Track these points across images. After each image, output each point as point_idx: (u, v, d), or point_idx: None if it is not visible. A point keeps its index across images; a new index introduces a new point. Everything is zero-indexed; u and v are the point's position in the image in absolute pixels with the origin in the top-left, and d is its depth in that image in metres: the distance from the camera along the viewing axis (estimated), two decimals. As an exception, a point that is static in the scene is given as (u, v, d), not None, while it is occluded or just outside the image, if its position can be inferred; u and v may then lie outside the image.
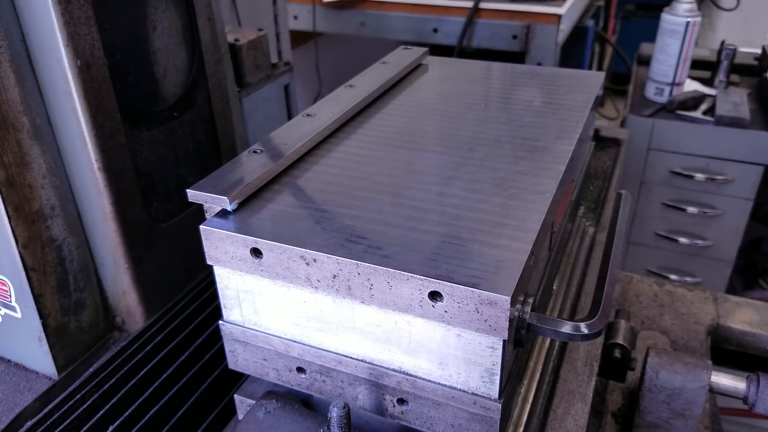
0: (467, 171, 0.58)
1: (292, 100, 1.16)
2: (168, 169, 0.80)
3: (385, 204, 0.53)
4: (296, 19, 2.29)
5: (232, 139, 0.92)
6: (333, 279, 0.47)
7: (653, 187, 2.14)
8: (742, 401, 0.70)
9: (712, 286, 1.92)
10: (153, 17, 0.75)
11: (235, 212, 0.52)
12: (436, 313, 0.44)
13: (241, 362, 0.58)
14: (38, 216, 0.68)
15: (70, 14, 0.63)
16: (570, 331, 0.48)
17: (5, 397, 0.70)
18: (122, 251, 0.74)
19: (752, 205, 2.04)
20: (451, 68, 0.88)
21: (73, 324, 0.74)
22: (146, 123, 0.76)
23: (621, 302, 1.01)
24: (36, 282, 0.69)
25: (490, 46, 2.09)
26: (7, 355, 0.76)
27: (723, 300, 1.01)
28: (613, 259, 0.57)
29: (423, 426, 0.52)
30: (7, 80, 0.63)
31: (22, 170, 0.66)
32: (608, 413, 0.81)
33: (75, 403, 0.70)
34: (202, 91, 0.85)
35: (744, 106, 2.03)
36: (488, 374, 0.47)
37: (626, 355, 0.75)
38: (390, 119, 0.70)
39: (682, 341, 0.94)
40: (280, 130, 0.64)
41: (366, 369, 0.51)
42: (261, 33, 1.05)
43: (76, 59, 0.65)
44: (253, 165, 0.56)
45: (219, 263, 0.51)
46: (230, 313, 0.55)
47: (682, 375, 0.70)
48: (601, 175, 1.05)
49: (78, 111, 0.67)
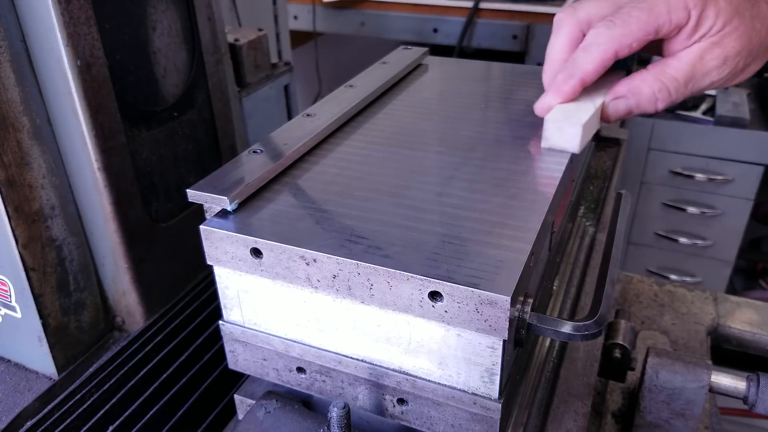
0: (467, 171, 0.58)
1: (292, 100, 1.16)
2: (168, 169, 0.80)
3: (385, 204, 0.53)
4: (296, 19, 2.29)
5: (232, 139, 0.92)
6: (333, 279, 0.47)
7: (653, 187, 2.14)
8: (742, 401, 0.70)
9: (712, 286, 1.92)
10: (153, 17, 0.75)
11: (235, 212, 0.52)
12: (436, 313, 0.44)
13: (241, 362, 0.58)
14: (38, 216, 0.68)
15: (70, 14, 0.63)
16: (570, 331, 0.48)
17: (5, 397, 0.70)
18: (122, 251, 0.74)
19: (752, 205, 2.04)
20: (451, 68, 0.88)
21: (73, 324, 0.74)
22: (146, 123, 0.76)
23: (621, 302, 1.01)
24: (36, 282, 0.69)
25: (490, 46, 2.09)
26: (7, 355, 0.76)
27: (723, 300, 1.02)
28: (613, 259, 0.57)
29: (423, 426, 0.52)
30: (7, 80, 0.63)
31: (22, 170, 0.66)
32: (608, 413, 0.81)
33: (75, 403, 0.70)
34: (202, 91, 0.85)
35: (744, 106, 2.03)
36: (488, 374, 0.47)
37: (626, 355, 0.75)
38: (390, 119, 0.70)
39: (682, 341, 0.94)
40: (280, 130, 0.64)
41: (366, 369, 0.51)
42: (261, 33, 1.05)
43: (76, 59, 0.65)
44: (253, 165, 0.56)
45: (219, 263, 0.51)
46: (230, 313, 0.55)
47: (682, 375, 0.70)
48: (601, 175, 1.05)
49: (78, 111, 0.67)
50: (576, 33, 0.62)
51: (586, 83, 0.60)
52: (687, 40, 0.58)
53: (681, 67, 0.59)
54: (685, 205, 2.08)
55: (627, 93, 0.61)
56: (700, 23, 0.57)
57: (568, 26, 0.62)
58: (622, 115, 0.63)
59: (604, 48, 0.58)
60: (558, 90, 0.61)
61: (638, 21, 0.56)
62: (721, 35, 0.57)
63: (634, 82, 0.61)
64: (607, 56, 0.58)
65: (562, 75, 0.60)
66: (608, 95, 0.62)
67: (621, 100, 0.62)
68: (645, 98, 0.60)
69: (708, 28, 0.57)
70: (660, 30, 0.57)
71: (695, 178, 2.03)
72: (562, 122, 0.58)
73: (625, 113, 0.62)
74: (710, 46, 0.58)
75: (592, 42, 0.58)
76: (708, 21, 0.57)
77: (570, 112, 0.59)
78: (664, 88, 0.59)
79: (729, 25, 0.57)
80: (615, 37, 0.57)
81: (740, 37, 0.57)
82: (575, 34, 0.62)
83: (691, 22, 0.57)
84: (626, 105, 0.62)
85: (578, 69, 0.59)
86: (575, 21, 0.61)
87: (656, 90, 0.59)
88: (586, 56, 0.59)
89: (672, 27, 0.57)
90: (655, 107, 0.60)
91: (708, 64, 0.58)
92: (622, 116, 0.63)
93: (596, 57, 0.58)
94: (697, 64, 0.58)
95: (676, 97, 0.59)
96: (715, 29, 0.57)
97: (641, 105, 0.61)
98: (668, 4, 0.56)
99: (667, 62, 0.59)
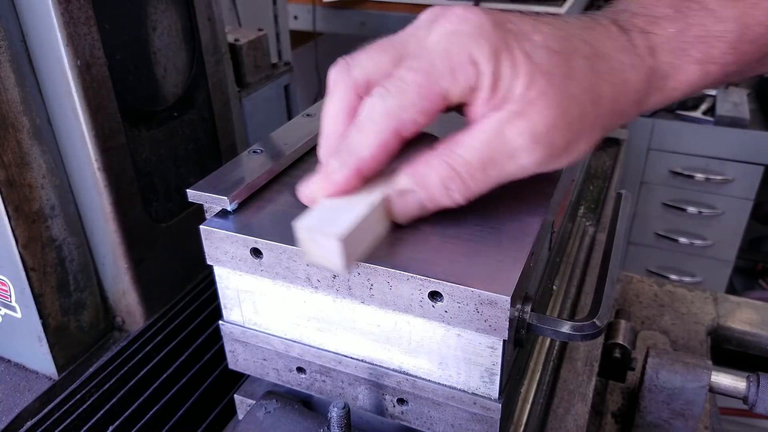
0: (467, 171, 0.58)
1: (292, 100, 1.16)
2: (168, 169, 0.80)
3: (385, 204, 0.53)
4: (296, 19, 2.29)
5: (232, 139, 0.92)
6: (333, 279, 0.47)
7: (653, 187, 2.14)
8: (742, 401, 0.70)
9: (712, 286, 1.92)
10: (153, 17, 0.75)
11: (235, 212, 0.52)
12: (436, 313, 0.44)
13: (241, 362, 0.58)
14: (38, 216, 0.68)
15: (70, 14, 0.63)
16: (570, 331, 0.48)
17: (5, 397, 0.70)
18: (122, 251, 0.74)
19: (752, 205, 2.04)
20: (451, 68, 0.87)
21: (73, 324, 0.74)
22: (146, 123, 0.76)
23: (621, 302, 1.01)
24: (36, 282, 0.69)
25: (490, 46, 2.08)
26: (7, 355, 0.76)
27: (723, 300, 1.02)
28: (613, 259, 0.57)
29: (423, 426, 0.52)
30: (7, 80, 0.63)
31: (22, 170, 0.66)
32: (608, 413, 0.81)
33: (75, 403, 0.70)
34: (202, 91, 0.85)
35: (744, 106, 2.03)
36: (488, 374, 0.47)
37: (626, 355, 0.75)
38: (390, 119, 0.70)
39: (682, 341, 0.94)
40: (280, 130, 0.64)
41: (366, 369, 0.52)
42: (261, 33, 1.05)
43: (76, 59, 0.65)
44: (253, 165, 0.56)
45: (219, 263, 0.51)
46: (230, 313, 0.55)
47: (682, 375, 0.70)
48: (601, 175, 1.05)
49: (78, 111, 0.67)
50: (352, 99, 0.46)
51: (365, 174, 0.45)
52: (484, 106, 0.42)
53: (474, 145, 0.43)
54: (685, 205, 2.08)
55: (413, 185, 0.45)
56: (496, 82, 0.41)
57: (342, 90, 0.46)
58: (416, 214, 0.47)
59: (381, 128, 0.43)
60: (328, 179, 0.45)
61: (416, 88, 0.42)
62: (525, 102, 0.41)
63: (419, 169, 0.44)
64: (386, 138, 0.43)
65: (334, 161, 0.45)
66: (390, 187, 0.46)
67: (408, 194, 0.45)
68: (435, 189, 0.44)
69: (506, 90, 0.41)
70: (448, 95, 0.42)
71: (695, 178, 2.03)
72: (315, 232, 0.42)
73: (419, 211, 0.46)
74: (511, 117, 0.42)
75: (365, 119, 0.43)
76: (504, 80, 0.41)
77: (330, 216, 0.43)
78: (455, 177, 0.43)
79: (533, 88, 0.41)
80: (392, 112, 0.42)
81: (550, 106, 0.41)
82: (351, 100, 0.46)
83: (485, 81, 0.41)
84: (416, 200, 0.46)
85: (353, 155, 0.44)
86: (350, 83, 0.46)
87: (445, 178, 0.43)
88: (360, 138, 0.44)
89: (462, 89, 0.42)
90: (453, 201, 0.45)
91: (511, 143, 0.42)
92: (415, 215, 0.47)
93: (373, 140, 0.43)
94: (494, 142, 0.42)
95: (476, 187, 0.44)
96: (517, 93, 0.41)
97: (434, 199, 0.45)
98: (449, 60, 0.41)
99: (458, 139, 0.43)
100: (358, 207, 0.44)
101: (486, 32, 0.41)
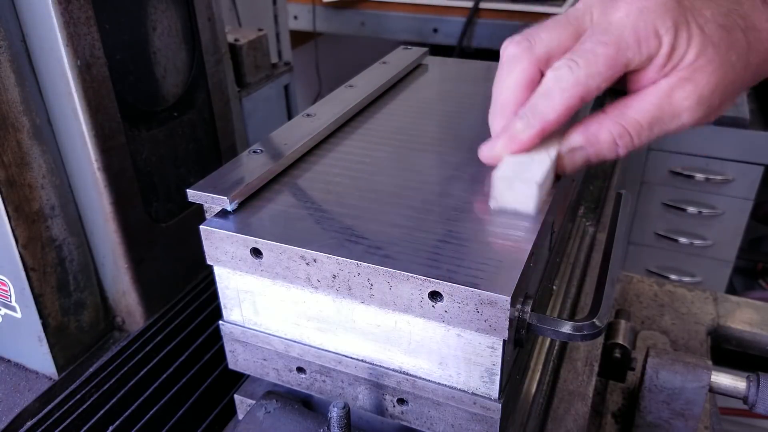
0: (468, 171, 0.58)
1: (292, 100, 1.16)
2: (168, 169, 0.80)
3: (385, 204, 0.53)
4: (296, 19, 2.29)
5: (232, 139, 0.92)
6: (333, 279, 0.47)
7: (653, 187, 2.14)
8: (742, 401, 0.70)
9: (712, 286, 1.92)
10: (153, 17, 0.75)
11: (235, 212, 0.52)
12: (436, 313, 0.44)
13: (241, 362, 0.58)
14: (38, 216, 0.68)
15: (70, 14, 0.63)
16: (570, 331, 0.48)
17: (5, 397, 0.70)
18: (122, 251, 0.74)
19: (752, 205, 2.04)
20: (451, 68, 0.88)
21: (73, 324, 0.74)
22: (146, 123, 0.76)
23: (621, 302, 1.01)
24: (36, 282, 0.69)
25: (490, 46, 2.09)
26: (7, 355, 0.76)
27: (723, 300, 1.02)
28: (613, 259, 0.57)
29: (423, 426, 0.52)
30: (7, 80, 0.63)
31: (22, 170, 0.66)
32: (608, 413, 0.81)
33: (75, 403, 0.70)
34: (202, 91, 0.85)
35: (744, 106, 2.03)
36: (488, 374, 0.47)
37: (626, 355, 0.75)
38: (390, 119, 0.70)
39: (682, 341, 0.94)
40: (280, 130, 0.64)
41: (366, 369, 0.51)
42: (261, 33, 1.05)
43: (76, 59, 0.65)
44: (253, 165, 0.56)
45: (219, 263, 0.51)
46: (230, 313, 0.55)
47: (682, 375, 0.70)
48: (601, 175, 1.05)
49: (78, 111, 0.67)
50: (533, 73, 0.52)
51: (547, 134, 0.51)
52: (657, 73, 0.49)
53: (645, 108, 0.50)
54: (685, 205, 2.08)
55: (584, 143, 0.52)
56: (672, 52, 0.48)
57: (524, 64, 0.52)
58: (580, 167, 0.54)
59: (569, 94, 0.49)
60: (513, 139, 0.51)
61: (605, 59, 0.48)
62: (693, 69, 0.48)
63: (591, 129, 0.51)
64: (572, 103, 0.49)
65: (520, 122, 0.51)
66: (563, 145, 0.53)
67: (577, 151, 0.52)
68: (604, 146, 0.51)
69: (679, 59, 0.48)
70: (630, 64, 0.49)
71: (695, 178, 2.03)
72: (513, 180, 0.49)
73: (583, 165, 0.54)
74: (680, 82, 0.48)
75: (553, 87, 0.49)
76: (679, 50, 0.48)
77: (523, 167, 0.50)
78: (625, 134, 0.50)
79: (702, 57, 0.47)
80: (580, 81, 0.48)
81: (715, 72, 0.48)
82: (532, 74, 0.52)
83: (663, 50, 0.48)
84: (584, 156, 0.52)
85: (539, 117, 0.50)
86: (533, 58, 0.51)
87: (616, 136, 0.50)
88: (547, 103, 0.49)
89: (643, 59, 0.48)
90: (616, 154, 0.52)
91: (678, 105, 0.49)
92: (579, 168, 0.54)
93: (559, 105, 0.49)
94: (664, 104, 0.49)
95: (638, 143, 0.51)
96: (687, 61, 0.48)
97: (600, 154, 0.52)
98: (636, 34, 0.47)
99: (629, 103, 0.50)
100: (541, 159, 0.51)
101: (669, 8, 0.48)
